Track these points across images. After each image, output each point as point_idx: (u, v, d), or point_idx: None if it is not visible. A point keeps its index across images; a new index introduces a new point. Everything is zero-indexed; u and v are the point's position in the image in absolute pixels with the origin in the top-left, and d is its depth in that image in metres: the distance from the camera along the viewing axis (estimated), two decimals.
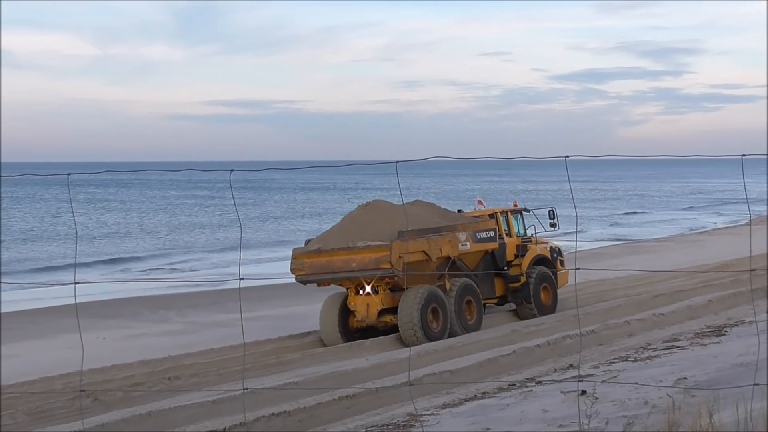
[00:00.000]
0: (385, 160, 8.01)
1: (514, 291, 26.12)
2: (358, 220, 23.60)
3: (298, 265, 23.01)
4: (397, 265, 22.13)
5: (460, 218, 25.12)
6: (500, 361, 19.40)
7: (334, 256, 22.67)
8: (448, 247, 23.42)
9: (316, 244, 23.19)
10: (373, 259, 22.31)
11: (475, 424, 12.41)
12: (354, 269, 22.50)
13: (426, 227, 23.40)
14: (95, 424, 14.87)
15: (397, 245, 22.20)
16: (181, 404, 15.99)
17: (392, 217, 23.41)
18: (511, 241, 26.41)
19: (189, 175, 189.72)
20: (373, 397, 16.45)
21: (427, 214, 24.46)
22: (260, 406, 15.81)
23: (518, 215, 27.30)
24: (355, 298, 23.21)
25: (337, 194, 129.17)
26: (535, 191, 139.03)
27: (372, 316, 23.10)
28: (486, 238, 24.70)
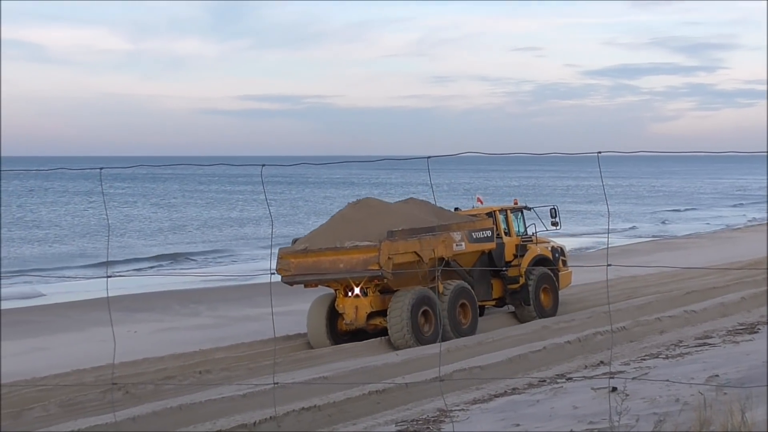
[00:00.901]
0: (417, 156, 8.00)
1: (513, 292, 25.29)
2: (348, 218, 22.68)
3: (284, 266, 22.06)
4: (386, 266, 21.27)
5: (456, 217, 24.15)
6: (530, 357, 19.36)
7: (321, 256, 21.76)
8: (441, 248, 22.48)
9: (303, 244, 22.27)
10: (361, 260, 21.42)
11: (505, 420, 12.39)
12: (341, 270, 21.58)
13: (418, 226, 22.50)
14: (126, 416, 14.96)
15: (386, 245, 21.28)
16: (212, 398, 16.07)
17: (383, 215, 22.59)
18: (511, 240, 25.57)
19: (221, 169, 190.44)
20: (402, 393, 16.45)
21: (420, 212, 23.57)
22: (290, 400, 15.85)
23: (518, 213, 26.36)
24: (344, 300, 22.34)
25: (367, 189, 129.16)
26: (568, 187, 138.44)
27: (361, 318, 22.23)
28: (483, 237, 23.73)
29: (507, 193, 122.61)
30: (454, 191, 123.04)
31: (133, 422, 14.74)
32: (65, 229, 68.82)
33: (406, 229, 22.02)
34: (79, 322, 27.53)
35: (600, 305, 26.19)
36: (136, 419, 14.87)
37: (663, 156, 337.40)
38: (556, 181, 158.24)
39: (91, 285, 37.65)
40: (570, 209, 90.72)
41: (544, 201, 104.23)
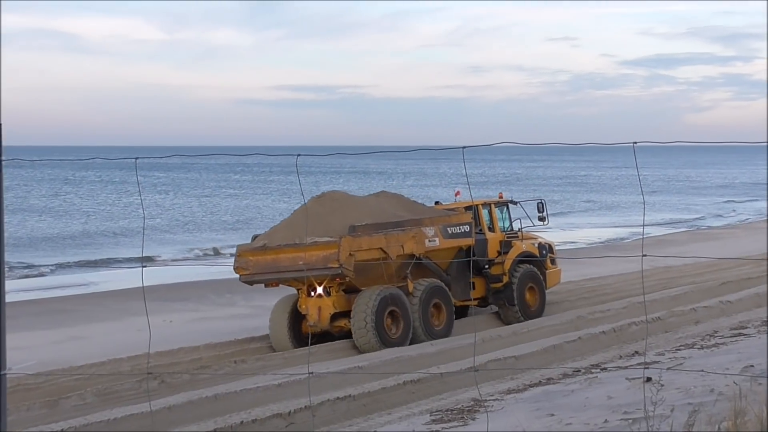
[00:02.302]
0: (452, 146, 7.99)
1: (496, 292, 23.75)
2: (310, 213, 21.27)
3: (242, 264, 20.81)
4: (347, 263, 19.89)
5: (429, 211, 22.76)
6: (565, 347, 19.32)
7: (281, 253, 20.41)
8: (411, 244, 21.10)
9: (263, 240, 21.00)
10: (321, 257, 20.05)
11: (540, 410, 12.37)
12: (301, 268, 20.09)
13: (386, 221, 21.15)
14: (162, 406, 15.07)
15: (347, 241, 19.95)
16: (247, 387, 16.15)
17: (348, 209, 21.20)
18: (494, 236, 24.01)
19: (255, 159, 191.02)
20: (437, 382, 16.47)
21: (390, 206, 22.13)
22: (325, 390, 15.91)
23: (503, 208, 24.79)
24: (307, 300, 20.99)
25: (398, 180, 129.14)
26: (603, 177, 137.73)
27: (324, 320, 20.90)
28: (459, 233, 22.24)
29: (540, 183, 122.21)
30: (489, 182, 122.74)
31: (168, 411, 14.85)
32: (100, 219, 69.30)
33: (371, 223, 20.75)
34: (115, 311, 27.74)
35: (635, 295, 26.05)
36: (171, 408, 14.98)
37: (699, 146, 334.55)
38: (591, 171, 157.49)
39: (127, 275, 37.96)
40: (605, 200, 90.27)
41: (577, 191, 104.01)
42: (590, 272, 32.13)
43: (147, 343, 19.11)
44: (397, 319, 20.82)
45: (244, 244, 21.38)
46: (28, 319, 25.51)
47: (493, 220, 24.21)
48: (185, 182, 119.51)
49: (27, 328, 24.06)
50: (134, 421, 14.27)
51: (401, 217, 21.65)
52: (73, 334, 24.42)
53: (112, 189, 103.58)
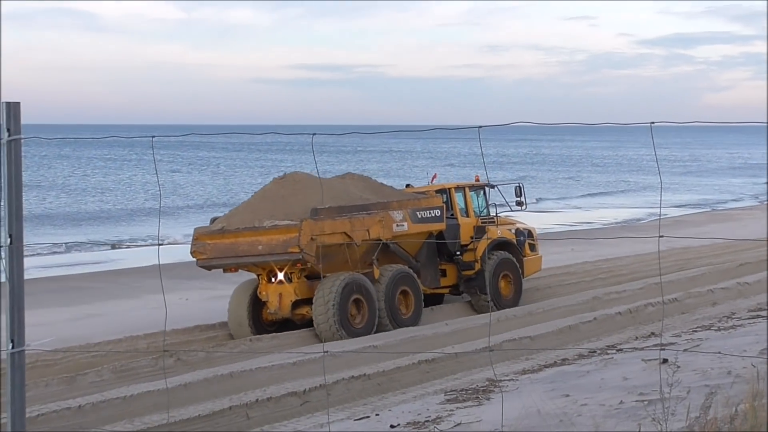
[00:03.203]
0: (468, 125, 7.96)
1: (468, 279, 22.71)
2: (271, 195, 20.27)
3: (200, 248, 19.81)
4: (308, 248, 18.86)
5: (397, 194, 21.70)
6: (581, 327, 19.31)
7: (239, 237, 19.46)
8: (377, 228, 20.11)
9: (221, 223, 20.05)
10: (280, 242, 19.04)
11: (555, 390, 12.36)
12: (260, 253, 19.25)
13: (351, 204, 20.13)
14: (178, 383, 15.14)
15: (308, 225, 18.93)
16: (262, 365, 16.20)
17: (311, 192, 20.08)
18: (468, 221, 23.00)
19: (271, 138, 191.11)
20: (452, 362, 16.50)
21: (356, 189, 21.06)
22: (340, 368, 15.94)
23: (479, 192, 23.71)
24: (267, 286, 20.07)
25: (410, 159, 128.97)
26: (619, 157, 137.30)
27: (285, 307, 19.95)
28: (429, 217, 21.27)
29: (557, 162, 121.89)
30: (506, 161, 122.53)
31: (184, 389, 14.91)
32: (117, 196, 69.50)
33: (335, 206, 19.71)
34: (131, 289, 27.85)
35: (651, 276, 25.97)
36: (187, 386, 15.04)
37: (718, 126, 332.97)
38: (608, 152, 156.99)
39: (144, 253, 38.09)
40: (621, 180, 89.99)
41: (594, 171, 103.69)
42: (606, 253, 32.06)
43: (163, 320, 19.23)
44: (362, 308, 19.87)
45: (202, 227, 20.46)
46: (46, 296, 25.64)
47: (468, 205, 23.22)
48: (202, 161, 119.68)
49: (45, 305, 24.18)
50: (150, 398, 14.34)
51: (367, 200, 20.59)
52: (90, 311, 24.53)
53: (129, 167, 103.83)
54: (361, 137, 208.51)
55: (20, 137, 5.68)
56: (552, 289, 25.34)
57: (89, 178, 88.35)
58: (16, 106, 5.70)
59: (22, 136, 5.69)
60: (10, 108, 5.67)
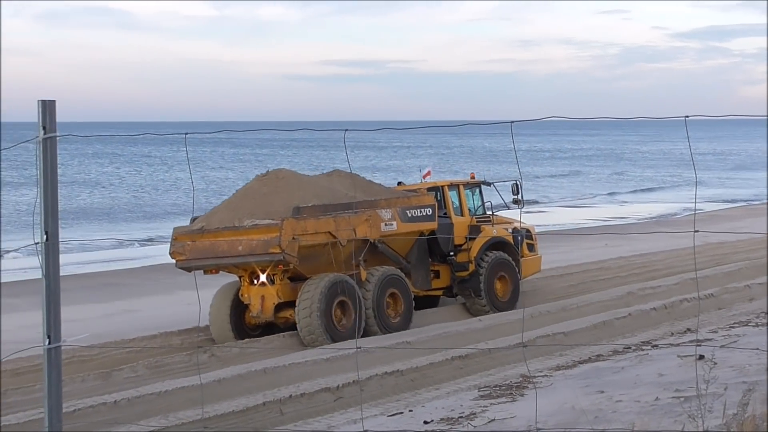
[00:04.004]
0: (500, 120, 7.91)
1: (462, 281, 21.78)
2: (253, 193, 19.40)
3: (179, 248, 18.92)
4: (290, 248, 17.99)
5: (385, 192, 20.71)
6: (615, 323, 19.20)
7: (219, 237, 18.60)
8: (364, 227, 19.22)
9: (201, 222, 19.22)
10: (261, 242, 18.18)
11: (589, 386, 12.30)
12: (240, 253, 18.39)
13: (336, 202, 19.28)
14: (212, 379, 15.20)
15: (290, 224, 18.05)
16: (296, 361, 16.24)
17: (294, 190, 19.29)
18: (462, 220, 22.04)
19: (303, 134, 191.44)
20: (485, 358, 16.46)
21: (342, 186, 20.18)
22: (373, 364, 15.95)
23: (474, 189, 22.74)
24: (249, 288, 19.23)
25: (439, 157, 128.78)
26: (654, 151, 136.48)
27: (268, 310, 19.13)
28: (420, 216, 20.33)
29: (589, 157, 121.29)
30: (536, 157, 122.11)
31: (218, 384, 14.97)
32: (150, 193, 69.88)
33: (318, 205, 18.85)
34: (165, 285, 27.97)
35: (687, 272, 25.79)
36: (221, 381, 15.10)
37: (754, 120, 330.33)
38: (641, 146, 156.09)
39: None
40: (656, 175, 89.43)
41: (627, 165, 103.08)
42: (641, 248, 31.87)
43: (197, 316, 19.27)
44: (348, 311, 18.99)
45: (181, 227, 19.68)
46: (81, 293, 25.81)
47: (462, 203, 22.30)
48: (234, 157, 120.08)
49: (80, 301, 24.35)
50: (185, 393, 14.41)
51: (353, 198, 19.64)
52: (124, 307, 24.68)
53: (163, 163, 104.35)
54: (393, 133, 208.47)
55: (56, 135, 5.71)
56: (586, 284, 25.21)
57: (123, 175, 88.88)
58: (51, 105, 5.73)
59: (57, 133, 5.72)
60: (45, 106, 5.70)
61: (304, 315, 18.45)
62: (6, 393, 15.11)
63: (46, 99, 5.72)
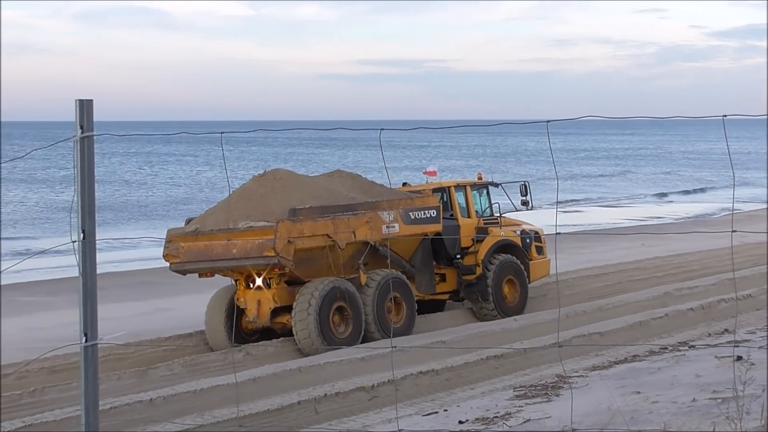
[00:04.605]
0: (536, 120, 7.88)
1: (469, 285, 21.17)
2: (249, 194, 18.85)
3: (173, 251, 18.45)
4: (285, 251, 17.46)
5: (388, 193, 20.09)
6: (651, 324, 19.08)
7: (213, 239, 18.07)
8: (365, 230, 18.63)
9: (196, 224, 18.70)
10: (255, 244, 17.65)
11: (625, 387, 12.23)
12: (234, 256, 17.87)
13: (335, 204, 18.69)
14: (247, 377, 15.25)
15: (285, 226, 17.50)
16: (331, 360, 16.26)
17: (292, 190, 18.66)
18: (469, 222, 21.45)
19: (338, 133, 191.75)
20: (521, 358, 16.41)
21: (342, 187, 19.62)
22: (408, 364, 15.94)
23: (482, 191, 22.17)
24: (245, 292, 18.65)
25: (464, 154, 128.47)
26: (691, 151, 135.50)
27: (264, 315, 18.49)
28: (423, 218, 19.73)
29: (625, 157, 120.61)
30: (574, 155, 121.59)
31: (253, 383, 15.02)
32: (186, 192, 70.26)
33: (316, 206, 18.28)
34: (201, 284, 27.95)
35: (724, 272, 25.56)
36: (256, 380, 15.15)
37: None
38: (679, 146, 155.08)
39: None
40: (693, 174, 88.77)
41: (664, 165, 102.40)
42: (678, 248, 31.64)
43: None
44: (346, 317, 18.41)
45: (175, 228, 19.23)
46: (118, 291, 25.98)
47: (469, 204, 21.69)
48: (270, 156, 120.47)
49: (116, 299, 24.50)
50: (220, 392, 14.46)
51: (353, 199, 19.12)
52: (160, 305, 24.81)
53: (198, 162, 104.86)
54: (429, 132, 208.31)
55: (93, 134, 5.74)
56: (622, 284, 25.07)
57: (159, 173, 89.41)
58: (88, 104, 5.76)
59: (94, 132, 5.75)
60: (83, 105, 5.74)
61: (301, 321, 17.86)
62: (43, 390, 15.24)
63: (83, 98, 5.75)
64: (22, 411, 14.26)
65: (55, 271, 30.67)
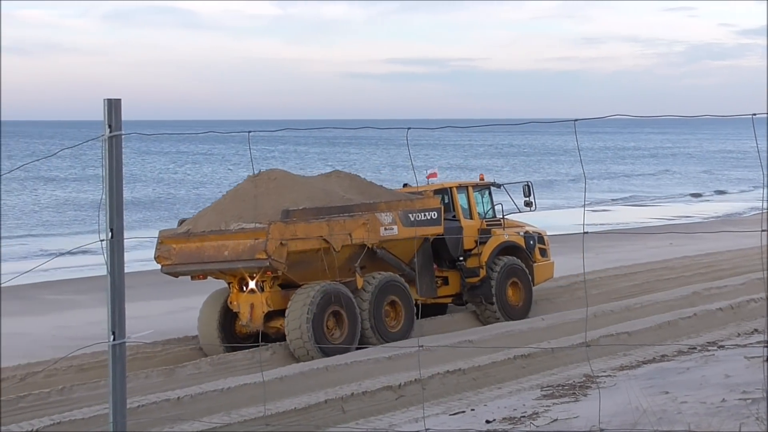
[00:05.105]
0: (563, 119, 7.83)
1: (472, 288, 20.75)
2: (243, 194, 18.43)
3: (164, 253, 18.00)
4: (277, 254, 16.99)
5: (387, 195, 19.63)
6: (680, 323, 18.97)
7: (205, 240, 17.61)
8: (361, 232, 18.16)
9: (188, 225, 18.29)
10: (247, 247, 17.19)
11: (653, 387, 12.16)
12: (226, 259, 17.42)
13: (331, 205, 18.22)
14: (274, 376, 15.28)
15: (277, 228, 17.04)
16: (358, 359, 16.27)
17: (286, 191, 18.20)
18: (471, 224, 21.04)
19: (365, 132, 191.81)
20: (548, 357, 16.36)
21: (339, 188, 19.13)
22: (435, 363, 15.92)
23: (484, 192, 21.79)
24: (238, 295, 18.13)
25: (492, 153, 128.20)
26: (720, 150, 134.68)
27: (257, 319, 17.94)
28: (424, 220, 19.25)
29: (653, 155, 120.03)
30: (602, 154, 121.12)
31: (280, 382, 15.05)
32: (212, 191, 70.46)
33: (310, 207, 17.81)
34: None
35: (754, 271, 25.35)
36: (283, 379, 15.18)
37: None
38: (707, 145, 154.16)
39: None
40: (722, 173, 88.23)
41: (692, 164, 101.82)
42: (707, 247, 31.46)
43: None
44: (341, 321, 17.90)
45: (167, 230, 18.76)
46: (146, 290, 26.08)
47: (471, 206, 21.30)
48: (297, 155, 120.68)
49: (144, 298, 24.60)
50: (247, 390, 14.49)
51: (350, 200, 18.63)
52: (187, 304, 24.86)
53: (225, 161, 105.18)
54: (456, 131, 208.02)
55: (121, 133, 5.76)
56: (650, 284, 24.94)
57: (187, 172, 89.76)
58: (117, 103, 5.78)
59: (123, 132, 5.77)
60: (111, 105, 5.76)
61: (293, 326, 17.35)
62: (72, 388, 15.32)
63: (111, 98, 5.77)
64: (50, 409, 14.35)
65: (84, 269, 30.85)
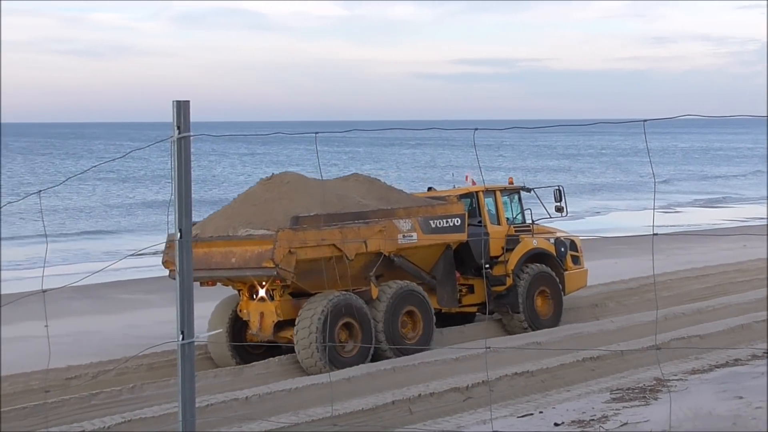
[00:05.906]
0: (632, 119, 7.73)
1: (498, 296, 19.91)
2: (254, 199, 17.70)
3: (172, 257, 16.43)
4: (285, 262, 16.22)
5: (407, 200, 18.74)
6: (754, 327, 18.64)
7: (213, 246, 16.88)
8: (378, 239, 17.28)
9: (196, 230, 17.14)
10: (254, 254, 16.45)
11: (726, 392, 11.95)
12: (234, 266, 16.71)
13: (345, 211, 17.47)
14: (341, 377, 15.31)
15: (285, 235, 16.24)
16: (425, 361, 16.23)
17: (299, 195, 17.46)
18: (498, 230, 20.13)
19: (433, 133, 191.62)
20: (617, 360, 16.18)
21: (356, 193, 18.33)
22: (502, 365, 15.84)
23: (513, 196, 20.87)
24: (248, 303, 17.49)
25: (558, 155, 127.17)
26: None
27: (267, 328, 17.25)
28: (446, 227, 18.43)
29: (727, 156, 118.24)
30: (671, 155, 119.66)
31: (348, 382, 15.07)
32: None
33: (323, 214, 16.99)
34: None
35: None
36: (350, 380, 15.20)
37: None
38: None
39: None
40: None
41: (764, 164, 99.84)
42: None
43: None
44: (354, 333, 17.11)
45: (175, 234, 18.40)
46: (214, 289, 26.22)
47: (499, 211, 20.42)
48: (363, 156, 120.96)
49: (213, 297, 24.77)
50: (315, 390, 14.54)
51: (366, 206, 17.85)
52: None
53: (292, 163, 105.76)
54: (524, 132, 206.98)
55: (189, 135, 5.79)
56: (722, 286, 24.55)
57: (253, 173, 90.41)
58: (185, 105, 5.81)
59: (191, 133, 5.80)
60: (180, 106, 5.79)
61: (303, 337, 16.60)
62: (142, 387, 15.48)
63: (180, 99, 5.81)
64: (121, 407, 14.52)
65: (153, 269, 31.20)
